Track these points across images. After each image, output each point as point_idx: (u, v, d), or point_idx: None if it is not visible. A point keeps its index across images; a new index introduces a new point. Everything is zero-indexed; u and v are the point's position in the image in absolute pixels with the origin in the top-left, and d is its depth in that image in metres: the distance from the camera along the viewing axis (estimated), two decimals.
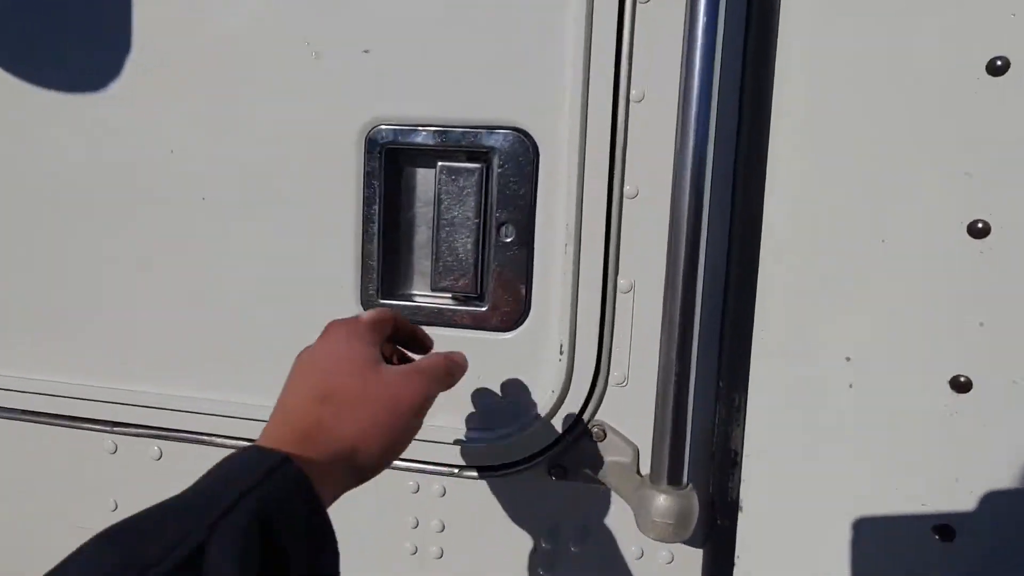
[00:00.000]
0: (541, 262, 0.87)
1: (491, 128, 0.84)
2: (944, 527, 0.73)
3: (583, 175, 0.83)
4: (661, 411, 0.75)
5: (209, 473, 0.52)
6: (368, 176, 0.88)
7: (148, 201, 0.95)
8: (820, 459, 0.77)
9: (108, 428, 1.02)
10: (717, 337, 0.86)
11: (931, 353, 0.72)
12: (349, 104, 0.87)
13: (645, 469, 0.88)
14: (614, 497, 0.88)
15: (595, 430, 0.89)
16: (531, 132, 0.84)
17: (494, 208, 0.86)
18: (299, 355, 0.64)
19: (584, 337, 0.86)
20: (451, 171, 0.86)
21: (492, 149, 0.85)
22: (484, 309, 0.89)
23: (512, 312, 0.88)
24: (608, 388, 0.88)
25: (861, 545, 0.76)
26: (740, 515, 0.80)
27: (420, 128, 0.86)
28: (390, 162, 0.88)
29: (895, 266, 0.73)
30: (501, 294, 0.88)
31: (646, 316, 0.86)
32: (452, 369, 0.67)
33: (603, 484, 0.89)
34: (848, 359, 0.75)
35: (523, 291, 0.87)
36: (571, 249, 0.84)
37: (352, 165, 0.88)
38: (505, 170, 0.85)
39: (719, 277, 0.85)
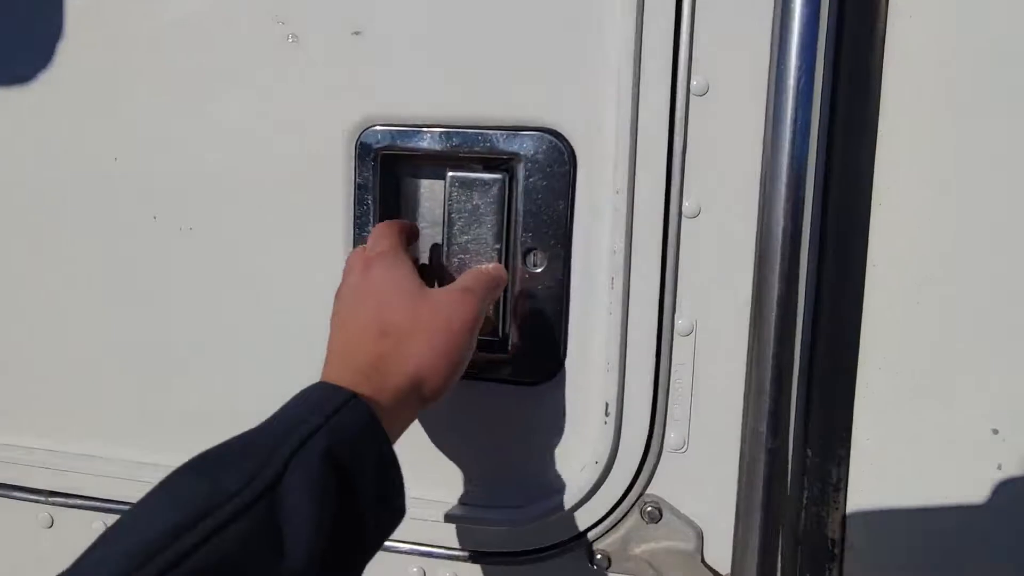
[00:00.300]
0: (579, 298, 0.72)
1: (515, 129, 0.70)
2: None
3: (633, 188, 0.68)
4: (746, 497, 0.60)
5: (281, 410, 0.55)
6: (360, 190, 0.75)
7: (87, 220, 0.82)
8: (952, 562, 0.61)
9: (43, 498, 0.89)
10: (804, 392, 0.69)
11: None
12: (335, 100, 0.74)
13: (711, 556, 0.72)
14: None
15: (648, 508, 0.73)
16: (566, 134, 0.70)
17: (519, 230, 0.72)
18: (339, 295, 0.66)
19: (634, 391, 0.71)
20: (464, 183, 0.72)
21: (516, 156, 0.71)
22: (507, 356, 0.74)
23: (543, 360, 0.73)
24: (663, 454, 0.72)
25: None
26: None
27: (425, 129, 0.72)
28: (387, 172, 0.75)
29: None
30: (528, 338, 0.73)
31: (711, 365, 0.70)
32: (497, 283, 0.69)
33: None
34: (995, 432, 0.60)
35: (557, 334, 0.73)
36: (618, 282, 0.69)
37: (340, 176, 0.75)
38: (533, 182, 0.71)
39: (806, 317, 0.68)
